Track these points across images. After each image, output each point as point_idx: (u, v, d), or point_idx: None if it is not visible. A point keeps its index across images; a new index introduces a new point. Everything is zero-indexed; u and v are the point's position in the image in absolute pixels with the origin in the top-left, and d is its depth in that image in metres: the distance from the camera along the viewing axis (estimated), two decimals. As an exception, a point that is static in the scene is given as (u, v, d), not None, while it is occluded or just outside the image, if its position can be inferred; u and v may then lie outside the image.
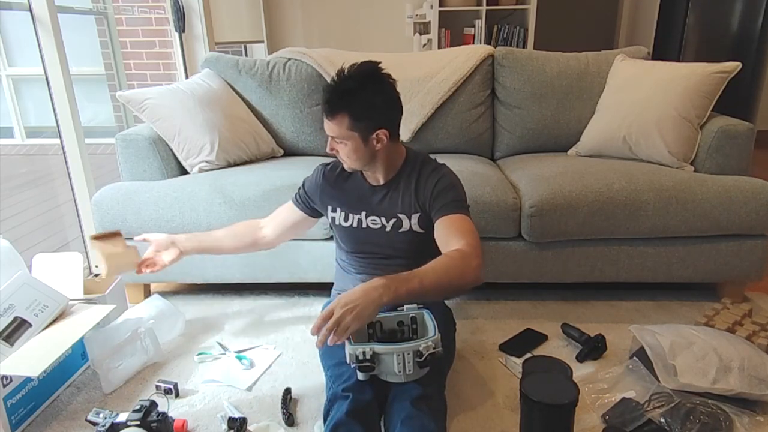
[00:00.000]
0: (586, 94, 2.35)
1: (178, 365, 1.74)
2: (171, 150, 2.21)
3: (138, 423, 1.31)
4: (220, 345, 1.83)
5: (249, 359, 1.74)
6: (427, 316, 1.38)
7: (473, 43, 4.48)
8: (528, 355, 1.70)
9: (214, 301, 2.16)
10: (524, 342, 1.79)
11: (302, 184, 1.68)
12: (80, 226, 2.44)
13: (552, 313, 1.98)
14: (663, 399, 1.42)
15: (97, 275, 1.87)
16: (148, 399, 1.38)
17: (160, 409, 1.38)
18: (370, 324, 1.40)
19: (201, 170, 2.21)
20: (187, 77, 3.24)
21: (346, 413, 1.22)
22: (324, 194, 1.60)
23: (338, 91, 1.36)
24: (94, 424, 1.40)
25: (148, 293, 2.19)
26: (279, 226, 1.72)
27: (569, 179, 1.94)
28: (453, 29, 4.53)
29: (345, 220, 1.57)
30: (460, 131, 2.43)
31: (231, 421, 1.41)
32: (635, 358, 1.63)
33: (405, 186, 1.50)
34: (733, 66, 2.04)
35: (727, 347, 1.49)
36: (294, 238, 1.84)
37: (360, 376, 1.28)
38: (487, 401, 1.52)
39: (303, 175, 1.68)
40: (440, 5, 4.36)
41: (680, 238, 1.95)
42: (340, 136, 1.40)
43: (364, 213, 1.54)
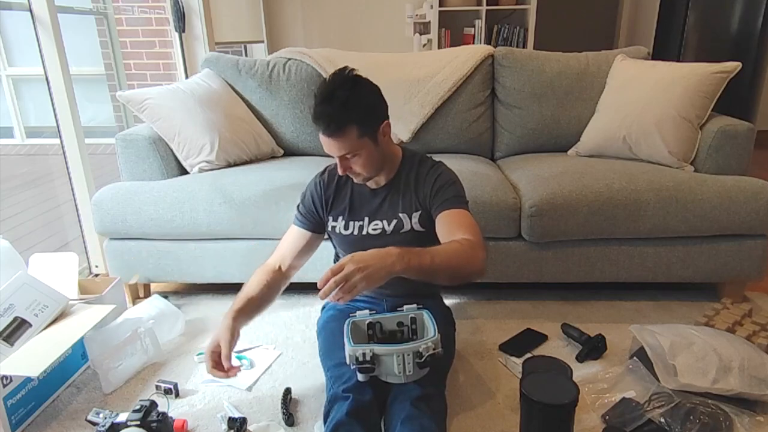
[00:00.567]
0: (586, 94, 2.35)
1: (178, 365, 1.74)
2: (171, 150, 2.21)
3: (138, 423, 1.31)
4: (220, 345, 1.83)
5: (249, 359, 1.74)
6: (427, 317, 1.38)
7: (473, 43, 4.48)
8: (528, 355, 1.70)
9: (214, 301, 2.16)
10: (524, 342, 1.79)
11: (300, 203, 1.60)
12: (80, 226, 2.44)
13: (552, 313, 1.98)
14: (663, 399, 1.42)
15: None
16: (148, 399, 1.38)
17: (160, 409, 1.38)
18: (370, 325, 1.40)
19: (201, 170, 2.21)
20: (187, 77, 3.24)
21: (347, 414, 1.22)
22: (325, 204, 1.56)
23: (336, 106, 1.31)
24: (94, 424, 1.40)
25: (148, 293, 2.19)
26: (289, 257, 1.57)
27: (569, 179, 1.94)
28: (453, 29, 4.53)
29: (345, 229, 1.54)
30: (460, 131, 2.43)
31: (231, 421, 1.41)
32: (635, 358, 1.62)
33: (405, 185, 1.50)
34: (733, 66, 2.04)
35: (727, 347, 1.49)
36: (304, 263, 1.65)
37: (360, 377, 1.28)
38: (487, 401, 1.52)
39: (303, 175, 1.68)
40: (440, 5, 4.36)
41: (680, 238, 1.95)
42: (352, 150, 1.36)
43: (367, 219, 1.52)
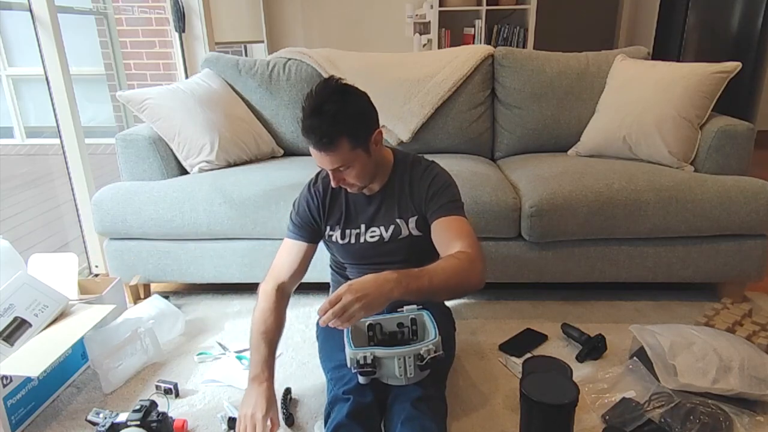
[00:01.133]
0: (586, 94, 2.34)
1: (178, 365, 1.74)
2: (171, 150, 2.21)
3: (138, 423, 1.31)
4: (220, 345, 1.83)
5: (249, 359, 1.73)
6: (427, 318, 1.37)
7: (473, 43, 4.48)
8: (528, 355, 1.70)
9: (214, 301, 2.16)
10: (524, 342, 1.79)
11: (294, 213, 1.56)
12: (80, 226, 2.44)
13: (552, 313, 1.98)
14: (663, 399, 1.42)
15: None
16: (148, 399, 1.38)
17: (160, 409, 1.38)
18: (370, 326, 1.40)
19: (201, 170, 2.21)
20: (187, 77, 3.24)
21: (347, 415, 1.22)
22: (322, 213, 1.54)
23: (326, 119, 1.27)
24: (94, 424, 1.40)
25: (148, 293, 2.19)
26: (287, 274, 1.52)
27: (569, 179, 1.94)
28: (453, 29, 4.53)
29: (342, 238, 1.52)
30: (460, 131, 2.43)
31: (231, 421, 1.41)
32: (635, 358, 1.62)
33: (399, 189, 1.49)
34: (733, 66, 2.04)
35: (727, 347, 1.49)
36: (303, 277, 1.59)
37: (361, 380, 1.28)
38: (487, 401, 1.52)
39: (303, 176, 1.67)
40: (440, 5, 4.36)
41: (680, 238, 1.95)
42: (345, 162, 1.33)
43: (364, 226, 1.51)
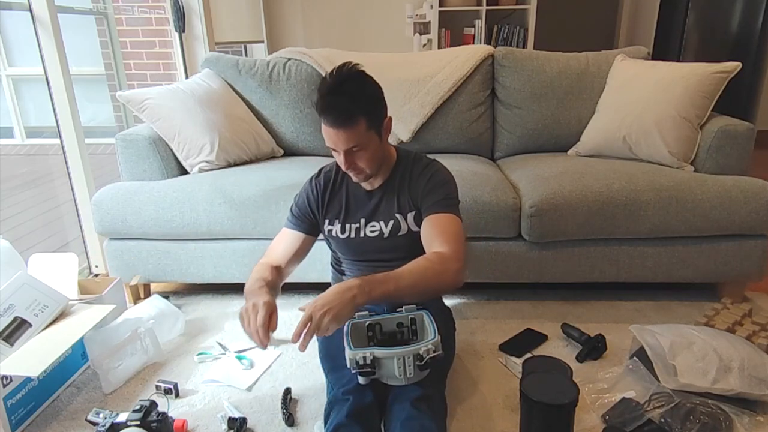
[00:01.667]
0: (586, 94, 2.34)
1: (178, 365, 1.74)
2: (171, 150, 2.21)
3: (138, 423, 1.31)
4: (220, 345, 1.83)
5: (249, 359, 1.74)
6: (427, 318, 1.37)
7: (473, 43, 4.48)
8: (528, 355, 1.70)
9: (214, 301, 2.16)
10: (524, 342, 1.79)
11: (294, 205, 1.59)
12: (80, 226, 2.44)
13: (552, 313, 1.98)
14: (663, 399, 1.42)
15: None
16: (148, 399, 1.38)
17: (160, 409, 1.38)
18: (370, 326, 1.40)
19: (201, 170, 2.21)
20: (187, 77, 3.24)
21: (347, 416, 1.22)
22: (321, 207, 1.55)
23: (347, 97, 1.30)
24: (94, 424, 1.40)
25: (148, 293, 2.19)
26: (283, 260, 1.53)
27: (569, 179, 1.94)
28: (453, 29, 4.54)
29: (342, 232, 1.53)
30: (460, 131, 2.43)
31: (231, 421, 1.42)
32: (635, 358, 1.62)
33: (399, 185, 1.50)
34: (733, 66, 2.04)
35: (727, 347, 1.49)
36: (297, 267, 1.60)
37: (361, 381, 1.28)
38: (488, 401, 1.52)
39: (303, 176, 1.67)
40: (440, 5, 4.36)
41: (680, 238, 1.95)
42: (361, 143, 1.35)
43: (363, 220, 1.52)
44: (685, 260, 1.96)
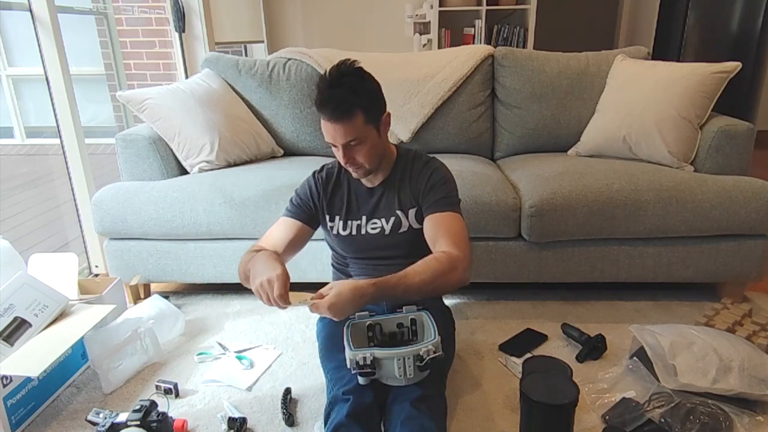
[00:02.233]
0: (586, 94, 2.34)
1: (178, 365, 1.74)
2: (171, 150, 2.21)
3: (138, 423, 1.31)
4: (220, 345, 1.83)
5: (249, 359, 1.74)
6: (427, 318, 1.37)
7: (473, 43, 4.48)
8: (528, 355, 1.70)
9: (214, 301, 2.16)
10: (524, 342, 1.79)
11: (295, 195, 1.59)
12: (80, 226, 2.44)
13: (552, 313, 1.98)
14: (663, 399, 1.42)
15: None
16: (148, 399, 1.38)
17: (160, 409, 1.38)
18: (370, 326, 1.40)
19: (201, 170, 2.21)
20: (187, 77, 3.24)
21: (347, 416, 1.22)
22: (322, 201, 1.56)
23: (345, 90, 1.32)
24: (94, 424, 1.40)
25: (148, 293, 2.19)
26: (280, 245, 1.50)
27: (569, 179, 1.94)
28: (453, 29, 4.54)
29: (343, 229, 1.54)
30: (460, 131, 2.43)
31: (231, 421, 1.42)
32: (635, 358, 1.63)
33: (400, 182, 1.51)
34: (733, 66, 2.04)
35: (727, 347, 1.49)
36: (292, 257, 1.55)
37: (361, 381, 1.28)
38: (487, 401, 1.52)
39: (303, 176, 1.67)
40: (440, 5, 4.36)
41: (680, 238, 1.95)
42: (359, 136, 1.36)
43: (365, 217, 1.53)
44: (685, 260, 1.96)
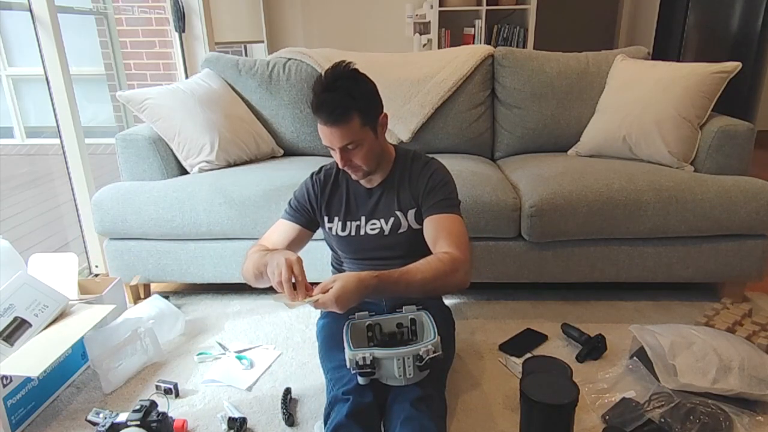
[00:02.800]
0: (586, 94, 2.34)
1: (178, 365, 1.74)
2: (171, 150, 2.21)
3: (138, 423, 1.31)
4: (220, 345, 1.83)
5: (249, 359, 1.74)
6: (427, 318, 1.37)
7: (473, 43, 4.48)
8: (528, 355, 1.70)
9: (214, 301, 2.16)
10: (524, 342, 1.79)
11: (293, 198, 1.59)
12: (80, 226, 2.44)
13: (552, 313, 1.98)
14: (663, 399, 1.42)
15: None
16: (148, 399, 1.38)
17: (160, 409, 1.38)
18: (369, 326, 1.40)
19: (201, 170, 2.21)
20: (187, 77, 3.24)
21: (347, 416, 1.22)
22: (320, 203, 1.55)
23: (340, 93, 1.31)
24: (94, 424, 1.41)
25: (148, 293, 2.19)
26: (274, 245, 1.52)
27: (569, 179, 1.94)
28: (453, 29, 4.54)
29: (342, 230, 1.54)
30: (460, 131, 2.43)
31: (231, 421, 1.42)
32: (635, 358, 1.63)
33: (399, 182, 1.50)
34: (733, 66, 2.04)
35: (727, 347, 1.49)
36: None
37: (361, 381, 1.28)
38: (487, 401, 1.52)
39: (303, 176, 1.67)
40: (440, 5, 4.36)
41: (680, 238, 1.95)
42: (355, 139, 1.35)
43: (364, 218, 1.52)
44: (685, 260, 1.96)
